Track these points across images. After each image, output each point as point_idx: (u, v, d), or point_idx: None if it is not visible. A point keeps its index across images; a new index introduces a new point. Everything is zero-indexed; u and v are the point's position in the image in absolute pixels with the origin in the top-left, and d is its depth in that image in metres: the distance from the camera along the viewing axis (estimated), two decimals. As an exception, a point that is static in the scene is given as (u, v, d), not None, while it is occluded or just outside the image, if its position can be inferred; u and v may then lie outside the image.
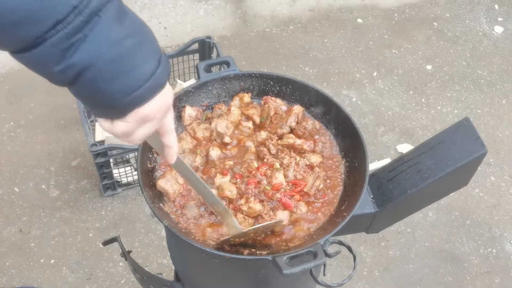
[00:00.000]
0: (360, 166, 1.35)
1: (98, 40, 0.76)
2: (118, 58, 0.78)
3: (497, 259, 2.67)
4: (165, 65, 0.85)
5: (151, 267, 2.51)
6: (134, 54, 0.80)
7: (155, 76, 0.83)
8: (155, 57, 0.83)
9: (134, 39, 0.81)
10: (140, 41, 0.82)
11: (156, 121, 0.89)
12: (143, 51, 0.82)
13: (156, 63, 0.83)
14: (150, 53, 0.83)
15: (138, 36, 0.82)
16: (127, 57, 0.79)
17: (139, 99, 0.83)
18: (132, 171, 2.70)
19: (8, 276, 2.45)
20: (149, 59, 0.82)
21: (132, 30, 0.81)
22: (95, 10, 0.75)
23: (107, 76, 0.79)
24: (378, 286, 2.54)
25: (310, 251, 1.13)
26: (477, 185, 2.93)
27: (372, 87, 3.37)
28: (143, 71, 0.82)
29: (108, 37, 0.77)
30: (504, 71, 3.55)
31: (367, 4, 3.90)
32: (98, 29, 0.76)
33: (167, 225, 1.20)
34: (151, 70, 0.82)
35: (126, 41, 0.79)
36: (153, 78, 0.83)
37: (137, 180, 2.00)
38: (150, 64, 0.82)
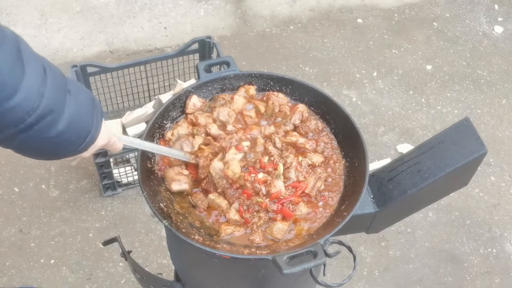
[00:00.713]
0: (360, 166, 1.35)
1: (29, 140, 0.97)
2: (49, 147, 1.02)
3: (497, 259, 2.67)
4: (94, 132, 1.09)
5: (151, 267, 2.51)
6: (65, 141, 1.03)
7: (84, 144, 1.08)
8: (84, 134, 1.07)
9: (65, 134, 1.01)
10: (71, 133, 1.03)
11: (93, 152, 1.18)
12: (75, 136, 1.05)
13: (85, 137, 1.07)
14: (82, 134, 1.07)
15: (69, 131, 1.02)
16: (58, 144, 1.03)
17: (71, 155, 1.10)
18: (132, 171, 2.70)
19: (8, 276, 2.45)
20: (80, 138, 1.06)
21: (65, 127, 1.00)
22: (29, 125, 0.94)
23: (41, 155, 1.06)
24: (378, 286, 2.54)
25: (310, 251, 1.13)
26: (477, 185, 2.93)
27: (372, 87, 3.37)
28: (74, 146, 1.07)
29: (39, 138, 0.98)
30: (504, 71, 3.55)
31: (367, 4, 3.90)
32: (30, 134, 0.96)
33: (167, 225, 1.20)
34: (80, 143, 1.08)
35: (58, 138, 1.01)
36: (82, 146, 1.08)
37: (137, 180, 2.00)
38: (80, 140, 1.07)
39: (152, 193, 1.28)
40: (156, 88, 2.95)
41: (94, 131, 1.09)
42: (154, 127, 1.40)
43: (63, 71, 1.08)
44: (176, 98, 1.45)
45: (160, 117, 1.41)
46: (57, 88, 0.98)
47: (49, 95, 0.95)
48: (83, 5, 3.61)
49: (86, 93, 1.09)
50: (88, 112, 1.07)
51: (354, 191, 1.32)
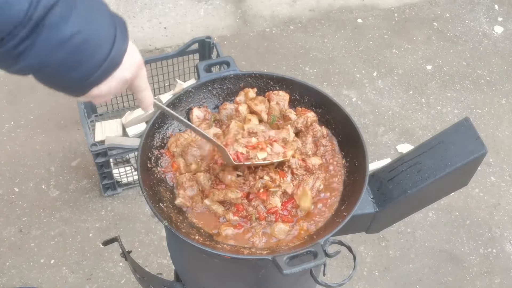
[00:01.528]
0: (360, 166, 1.35)
1: (44, 45, 0.83)
2: (67, 56, 0.86)
3: (497, 259, 2.67)
4: (119, 45, 0.91)
5: (151, 267, 2.51)
6: (84, 48, 0.87)
7: (109, 60, 0.90)
8: (107, 43, 0.89)
9: (83, 34, 0.86)
10: (89, 32, 0.87)
11: (116, 90, 0.98)
12: (94, 41, 0.87)
13: (109, 48, 0.90)
14: (102, 40, 0.89)
15: (87, 28, 0.87)
16: (77, 52, 0.86)
17: (95, 81, 0.92)
18: (132, 171, 2.70)
19: (8, 276, 2.45)
20: (101, 46, 0.89)
21: (81, 23, 0.86)
22: (38, 20, 0.81)
23: (60, 71, 0.88)
24: (378, 286, 2.54)
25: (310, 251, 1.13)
26: (477, 185, 2.93)
27: (372, 87, 3.37)
28: (96, 60, 0.89)
29: (54, 40, 0.84)
30: (504, 71, 3.55)
31: (367, 4, 3.90)
32: (44, 36, 0.83)
33: (167, 225, 1.20)
34: (103, 56, 0.89)
35: (74, 39, 0.85)
36: (107, 62, 0.90)
37: (137, 180, 2.00)
38: (103, 50, 0.89)
39: (152, 193, 1.28)
40: (156, 88, 2.95)
41: (119, 42, 0.91)
42: (154, 127, 1.40)
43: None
44: (176, 98, 1.45)
45: (160, 117, 1.41)
46: None
47: None
48: (83, 5, 3.61)
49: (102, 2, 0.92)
50: (107, 16, 0.91)
51: (354, 191, 1.31)
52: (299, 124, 1.42)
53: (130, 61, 0.96)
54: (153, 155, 1.38)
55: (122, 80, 0.96)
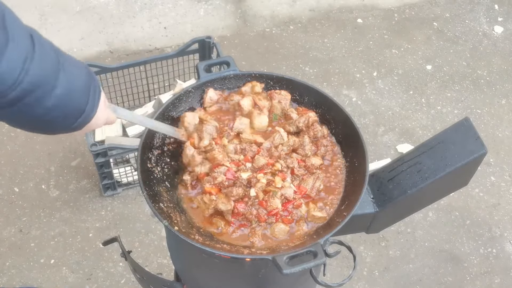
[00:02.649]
0: (360, 166, 1.35)
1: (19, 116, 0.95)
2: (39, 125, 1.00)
3: (497, 259, 2.67)
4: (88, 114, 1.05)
5: (151, 267, 2.51)
6: (55, 120, 0.99)
7: (76, 125, 1.04)
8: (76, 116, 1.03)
9: (56, 111, 0.97)
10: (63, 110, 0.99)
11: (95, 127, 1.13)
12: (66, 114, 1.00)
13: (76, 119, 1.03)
14: (75, 111, 1.02)
15: (61, 108, 0.98)
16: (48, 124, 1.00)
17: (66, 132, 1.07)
18: (132, 171, 2.70)
19: (8, 276, 2.45)
20: (70, 118, 1.02)
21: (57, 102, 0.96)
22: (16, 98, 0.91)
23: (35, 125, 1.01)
24: (378, 286, 2.54)
25: (310, 251, 1.13)
26: (477, 185, 2.93)
27: (372, 87, 3.37)
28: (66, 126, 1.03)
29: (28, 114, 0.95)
30: (504, 71, 3.55)
31: (367, 4, 3.90)
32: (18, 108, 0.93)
33: (167, 225, 1.20)
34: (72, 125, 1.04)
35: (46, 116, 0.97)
36: (82, 118, 1.04)
37: (137, 180, 2.00)
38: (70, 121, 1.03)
39: (152, 193, 1.28)
40: (156, 88, 2.95)
41: (89, 111, 1.04)
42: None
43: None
44: (176, 98, 1.45)
45: (160, 117, 1.41)
46: (46, 64, 0.92)
47: (35, 71, 0.90)
48: (83, 5, 3.61)
49: (81, 68, 1.02)
50: (83, 90, 1.01)
51: (354, 191, 1.31)
52: (300, 123, 1.42)
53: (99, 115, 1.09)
54: (153, 155, 1.38)
55: (92, 128, 1.11)
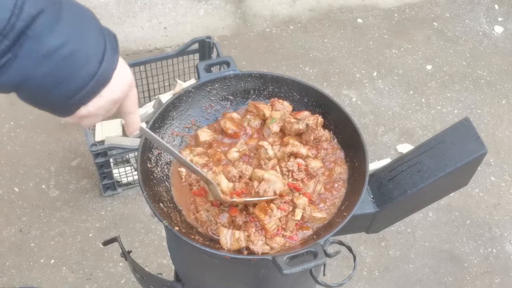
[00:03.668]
0: (360, 166, 1.35)
1: (28, 58, 0.76)
2: (52, 70, 0.78)
3: (497, 259, 2.67)
4: (109, 59, 0.84)
5: (151, 267, 2.51)
6: (71, 61, 0.79)
7: (98, 75, 0.83)
8: (96, 56, 0.82)
9: (70, 45, 0.79)
10: (77, 45, 0.80)
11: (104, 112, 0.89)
12: (82, 54, 0.80)
13: (98, 63, 0.82)
14: (90, 54, 0.82)
15: (75, 40, 0.80)
16: (63, 66, 0.79)
17: (82, 100, 0.84)
18: (132, 171, 2.70)
19: (8, 276, 2.45)
20: (90, 60, 0.82)
21: (69, 34, 0.79)
22: (21, 30, 0.75)
23: (45, 86, 0.79)
24: (378, 286, 2.54)
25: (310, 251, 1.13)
26: (477, 185, 2.93)
27: (372, 87, 3.37)
28: (84, 75, 0.81)
29: (39, 52, 0.77)
30: (504, 71, 3.55)
31: (367, 4, 3.90)
32: (27, 47, 0.76)
33: (167, 225, 1.20)
34: (92, 72, 0.82)
35: (61, 50, 0.78)
36: (96, 78, 0.83)
37: (137, 180, 2.00)
38: (91, 64, 0.82)
39: (152, 193, 1.28)
40: (156, 88, 2.95)
41: (109, 57, 0.84)
42: (154, 127, 1.40)
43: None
44: (176, 98, 1.45)
45: (160, 117, 1.41)
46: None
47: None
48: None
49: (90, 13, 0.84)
50: (96, 28, 0.83)
51: (354, 191, 1.31)
52: (310, 121, 1.42)
53: (120, 79, 0.88)
54: (153, 155, 1.38)
55: (111, 100, 0.88)
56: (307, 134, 1.42)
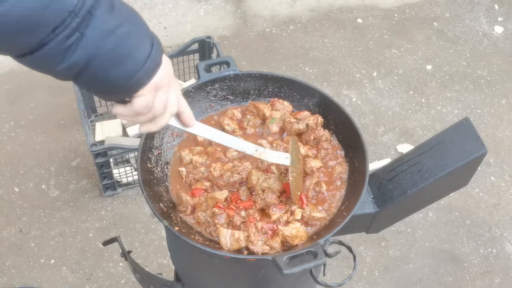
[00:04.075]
0: (360, 166, 1.35)
1: (94, 35, 0.82)
2: (114, 46, 0.85)
3: (497, 259, 2.67)
4: (158, 45, 0.93)
5: (151, 267, 2.51)
6: (128, 40, 0.87)
7: (151, 57, 0.91)
8: (147, 40, 0.91)
9: (126, 27, 0.86)
10: (131, 27, 0.88)
11: (164, 90, 0.98)
12: (136, 36, 0.89)
13: (150, 46, 0.91)
14: (143, 37, 0.90)
15: (128, 23, 0.88)
16: (122, 44, 0.86)
17: (140, 80, 0.91)
18: (132, 171, 2.70)
19: (8, 276, 2.45)
20: (143, 42, 0.90)
21: (122, 18, 0.86)
22: (88, 9, 0.80)
23: (108, 65, 0.85)
24: (378, 286, 2.54)
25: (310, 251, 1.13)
26: (477, 185, 2.93)
27: (372, 87, 3.37)
28: (140, 55, 0.89)
29: (103, 29, 0.83)
30: (504, 71, 3.55)
31: (367, 4, 3.90)
32: (92, 25, 0.81)
33: (167, 225, 1.20)
34: (147, 53, 0.90)
35: (119, 30, 0.85)
36: (150, 59, 0.91)
37: (137, 180, 2.00)
38: (144, 47, 0.90)
39: (152, 193, 1.28)
40: (156, 88, 2.95)
41: (157, 41, 0.93)
42: (154, 127, 1.39)
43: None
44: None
45: (160, 117, 1.41)
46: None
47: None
48: (83, 5, 3.61)
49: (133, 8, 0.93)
50: (141, 19, 0.92)
51: (354, 191, 1.31)
52: (310, 121, 1.42)
53: (165, 67, 0.97)
54: (153, 155, 1.38)
55: (163, 86, 0.96)
56: (307, 134, 1.42)
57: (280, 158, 1.29)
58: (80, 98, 2.63)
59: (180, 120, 1.12)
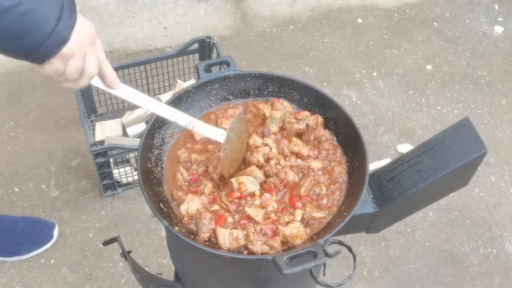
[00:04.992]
0: (360, 166, 1.35)
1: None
2: (10, 24, 0.91)
3: (497, 259, 2.67)
4: (66, 20, 0.97)
5: (151, 267, 2.51)
6: (25, 18, 0.92)
7: (55, 33, 0.96)
8: (52, 16, 0.95)
9: (24, 5, 0.91)
10: (31, 5, 0.92)
11: (73, 69, 1.04)
12: (36, 13, 0.93)
13: (55, 22, 0.95)
14: (46, 13, 0.94)
15: (30, 1, 0.92)
16: (19, 22, 0.91)
17: (44, 54, 0.98)
18: (132, 171, 2.70)
19: (8, 276, 2.45)
20: (45, 19, 0.94)
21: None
22: None
23: (7, 40, 0.93)
24: (378, 286, 2.54)
25: (310, 251, 1.13)
26: (477, 185, 2.93)
27: (372, 87, 3.37)
28: (40, 32, 0.94)
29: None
30: (504, 71, 3.55)
31: (367, 4, 3.90)
32: None
33: (167, 225, 1.20)
34: (49, 29, 0.95)
35: (16, 9, 0.91)
36: (53, 36, 0.96)
37: (137, 180, 2.00)
38: (46, 24, 0.94)
39: (152, 193, 1.28)
40: (156, 88, 2.95)
41: (66, 17, 0.97)
42: (154, 127, 1.40)
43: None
44: (176, 98, 1.45)
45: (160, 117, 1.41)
46: None
47: None
48: (83, 5, 3.61)
49: None
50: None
51: (354, 191, 1.32)
52: (310, 121, 1.42)
53: (79, 36, 1.01)
54: (153, 155, 1.38)
55: (73, 55, 1.01)
56: (307, 134, 1.42)
57: (214, 133, 1.29)
58: (80, 98, 2.63)
59: (103, 82, 1.17)
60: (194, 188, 1.33)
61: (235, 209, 1.27)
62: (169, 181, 1.37)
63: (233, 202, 1.28)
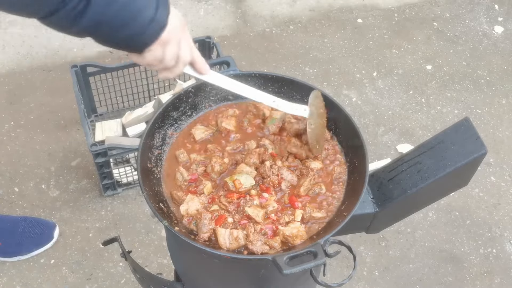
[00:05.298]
0: (360, 166, 1.35)
1: (98, 3, 0.93)
2: (117, 13, 0.95)
3: (497, 259, 2.67)
4: (163, 8, 1.02)
5: (151, 267, 2.51)
6: (129, 6, 0.96)
7: (156, 20, 1.01)
8: (152, 4, 1.00)
9: None
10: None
11: (170, 54, 1.09)
12: (138, 2, 0.98)
13: (154, 9, 1.00)
14: (146, 1, 0.99)
15: None
16: (124, 10, 0.96)
17: (146, 41, 1.03)
18: (132, 171, 2.70)
19: (8, 276, 2.45)
20: (147, 7, 0.99)
21: None
22: None
23: (114, 29, 0.97)
24: (378, 286, 2.54)
25: (310, 251, 1.13)
26: (477, 185, 2.93)
27: (372, 87, 3.37)
28: (143, 19, 0.99)
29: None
30: (504, 71, 3.55)
31: (367, 4, 3.90)
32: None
33: (167, 225, 1.20)
34: (150, 16, 1.00)
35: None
36: (154, 22, 1.01)
37: (137, 180, 2.00)
38: (148, 11, 0.99)
39: (152, 193, 1.28)
40: (156, 88, 2.95)
41: (163, 7, 1.02)
42: (154, 127, 1.40)
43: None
44: (176, 98, 1.45)
45: (160, 117, 1.41)
46: None
47: None
48: (83, 5, 3.61)
49: None
50: None
51: (354, 191, 1.32)
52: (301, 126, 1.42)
53: (174, 22, 1.06)
54: (153, 155, 1.38)
55: (170, 41, 1.06)
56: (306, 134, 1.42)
57: (298, 109, 1.34)
58: (80, 98, 2.62)
59: (194, 69, 1.21)
60: (194, 188, 1.33)
61: (235, 209, 1.27)
62: (168, 181, 1.37)
63: (232, 202, 1.28)
